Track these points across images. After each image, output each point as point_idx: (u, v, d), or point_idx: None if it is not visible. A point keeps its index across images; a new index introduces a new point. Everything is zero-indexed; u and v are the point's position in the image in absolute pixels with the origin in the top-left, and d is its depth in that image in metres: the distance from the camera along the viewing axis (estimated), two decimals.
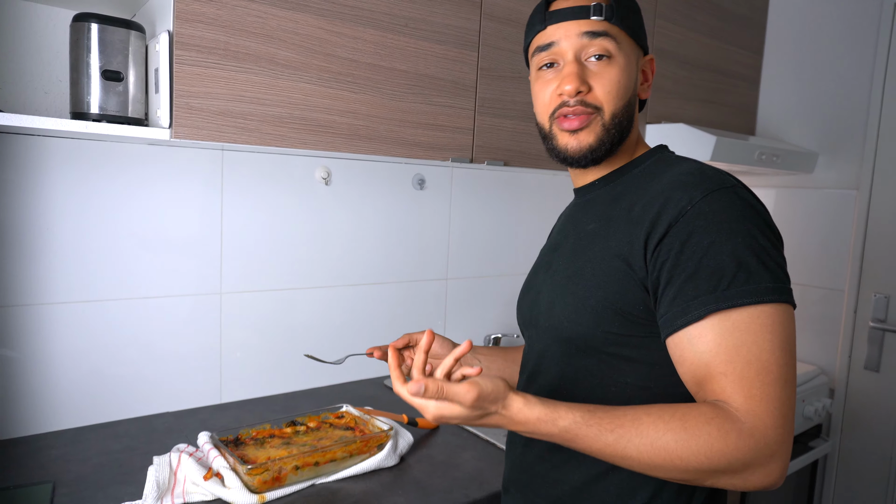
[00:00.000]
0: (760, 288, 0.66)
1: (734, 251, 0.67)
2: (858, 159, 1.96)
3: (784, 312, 0.67)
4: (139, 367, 1.34)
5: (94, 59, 1.01)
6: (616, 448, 0.66)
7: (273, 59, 1.10)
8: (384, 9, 1.22)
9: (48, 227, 1.21)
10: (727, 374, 0.66)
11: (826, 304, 2.04)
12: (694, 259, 0.68)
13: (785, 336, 0.67)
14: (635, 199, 0.78)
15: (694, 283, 0.68)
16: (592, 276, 0.78)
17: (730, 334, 0.66)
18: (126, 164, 1.28)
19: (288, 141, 1.13)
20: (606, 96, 0.80)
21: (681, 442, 0.64)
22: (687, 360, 0.69)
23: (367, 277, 1.66)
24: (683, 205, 0.70)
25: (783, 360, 0.66)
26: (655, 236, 0.71)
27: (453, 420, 0.67)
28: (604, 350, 0.78)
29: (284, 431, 1.19)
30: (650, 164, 0.84)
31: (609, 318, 0.76)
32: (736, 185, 0.73)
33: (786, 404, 0.65)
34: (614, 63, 0.80)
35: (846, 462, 2.01)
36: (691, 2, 1.86)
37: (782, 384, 0.65)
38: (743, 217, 0.69)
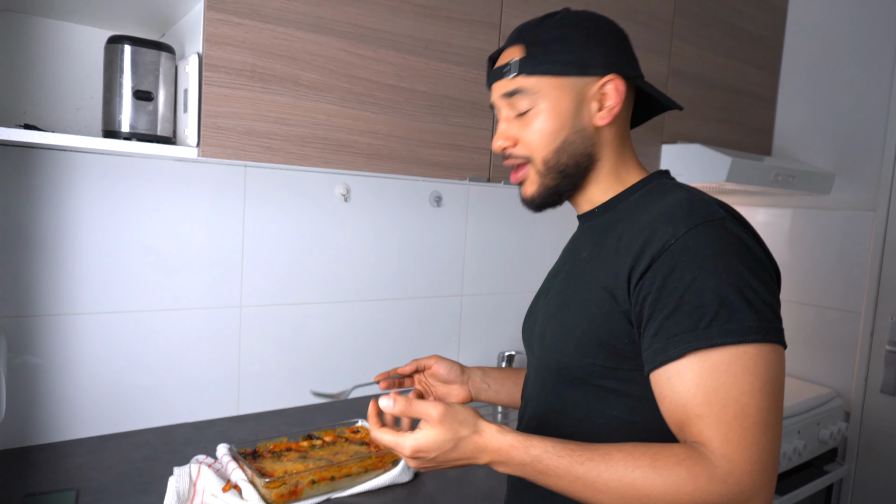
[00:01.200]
0: (743, 327, 0.64)
1: (716, 288, 0.65)
2: (875, 181, 1.96)
3: (770, 353, 0.64)
4: (160, 377, 1.37)
5: (126, 79, 1.04)
6: (585, 481, 0.64)
7: (297, 81, 1.13)
8: (405, 31, 1.25)
9: (76, 240, 1.24)
10: (703, 416, 0.63)
11: (842, 326, 2.02)
12: (675, 295, 0.66)
13: (768, 378, 0.64)
14: (625, 229, 0.76)
15: (675, 320, 0.66)
16: (579, 306, 0.78)
17: (708, 375, 0.64)
18: (152, 179, 1.32)
19: (310, 160, 1.16)
20: (530, 146, 0.81)
21: (648, 480, 0.62)
22: (666, 399, 0.67)
23: (384, 293, 1.68)
24: (667, 238, 0.69)
25: (764, 403, 0.63)
26: (639, 269, 0.70)
27: (430, 452, 0.66)
28: (590, 382, 0.77)
29: (301, 445, 1.21)
30: (645, 191, 0.82)
31: (594, 350, 0.75)
32: (724, 217, 0.70)
33: (765, 450, 0.62)
34: (535, 112, 0.80)
35: (862, 487, 1.98)
36: (707, 22, 1.88)
37: (762, 429, 0.62)
38: (728, 252, 0.67)
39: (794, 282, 2.14)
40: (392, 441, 0.68)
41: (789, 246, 2.17)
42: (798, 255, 2.14)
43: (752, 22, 2.04)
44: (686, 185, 0.79)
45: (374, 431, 0.71)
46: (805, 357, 2.12)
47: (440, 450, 0.67)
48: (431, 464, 0.69)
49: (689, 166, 1.73)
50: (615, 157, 0.83)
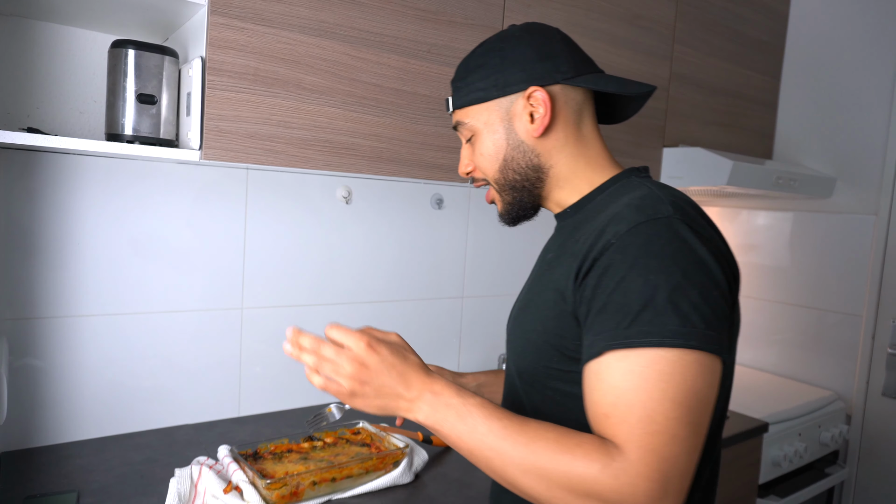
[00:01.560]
0: (664, 330, 0.61)
1: (643, 288, 0.63)
2: (877, 185, 1.96)
3: (692, 361, 0.61)
4: (161, 379, 1.37)
5: (129, 83, 1.05)
6: (496, 437, 0.65)
7: (300, 84, 1.13)
8: (408, 35, 1.25)
9: (78, 242, 1.25)
10: (609, 416, 0.63)
11: (843, 329, 2.02)
12: (606, 293, 0.66)
13: (685, 388, 0.61)
14: (585, 231, 0.76)
15: (602, 318, 0.66)
16: (536, 309, 0.79)
17: (622, 376, 0.62)
18: (155, 181, 1.33)
19: (313, 163, 1.16)
20: (481, 169, 0.86)
21: (550, 452, 0.62)
22: (585, 396, 0.67)
23: (385, 295, 1.69)
24: (609, 238, 0.68)
25: (674, 413, 0.60)
26: (584, 270, 0.70)
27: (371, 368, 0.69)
28: (548, 386, 0.77)
29: (302, 446, 1.21)
30: (612, 190, 0.81)
31: (549, 353, 0.75)
32: (671, 216, 0.68)
33: (668, 461, 0.59)
34: (475, 140, 0.85)
35: (863, 489, 1.98)
36: (709, 27, 1.88)
37: (667, 438, 0.60)
38: (664, 252, 0.65)
39: (796, 285, 2.15)
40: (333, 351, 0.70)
41: (790, 249, 2.17)
42: (799, 259, 2.14)
43: (754, 27, 2.04)
44: (650, 183, 0.78)
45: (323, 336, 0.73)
46: (806, 360, 2.12)
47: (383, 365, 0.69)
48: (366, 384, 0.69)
49: (690, 169, 1.74)
50: (571, 161, 0.83)
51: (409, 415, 0.70)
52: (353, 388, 0.69)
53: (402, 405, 0.70)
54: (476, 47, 0.86)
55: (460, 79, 0.85)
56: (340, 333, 0.72)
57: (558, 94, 0.81)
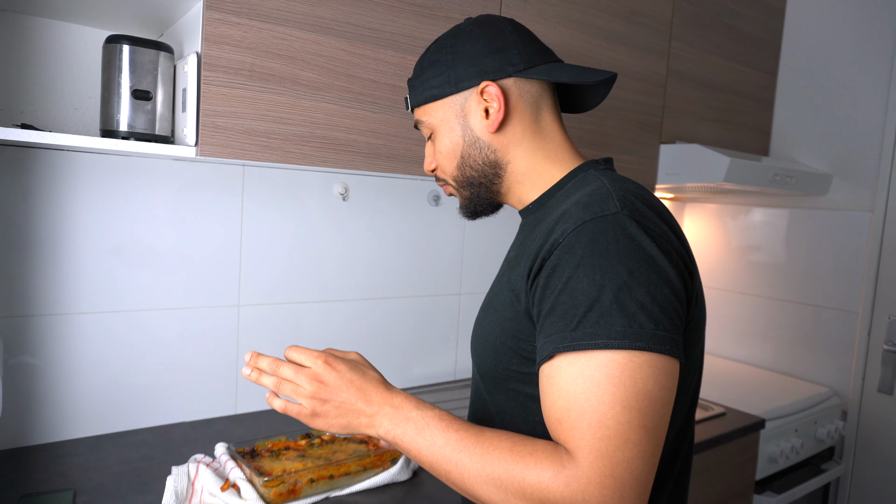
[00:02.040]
0: (610, 332, 0.60)
1: (588, 288, 0.62)
2: (873, 182, 1.96)
3: (643, 363, 0.59)
4: (157, 377, 1.36)
5: (124, 79, 1.04)
6: (454, 449, 0.65)
7: (296, 80, 1.13)
8: (405, 31, 1.25)
9: (73, 239, 1.24)
10: (562, 422, 0.61)
11: (839, 325, 2.03)
12: (553, 294, 0.65)
13: (635, 391, 0.59)
14: (542, 228, 0.74)
15: (551, 320, 0.64)
16: (495, 310, 0.78)
17: (573, 380, 0.61)
18: (150, 178, 1.32)
19: (310, 159, 1.16)
20: (441, 167, 0.86)
21: (503, 462, 0.62)
22: (541, 399, 0.66)
23: (383, 292, 1.68)
24: (557, 237, 0.67)
25: (625, 417, 0.58)
26: (535, 269, 0.69)
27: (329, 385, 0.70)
28: (509, 387, 0.76)
29: (299, 444, 1.21)
30: (570, 186, 0.79)
31: (507, 355, 0.74)
32: (618, 213, 0.65)
33: (621, 465, 0.58)
34: (434, 137, 0.85)
35: (859, 485, 1.99)
36: (706, 23, 1.88)
37: (619, 443, 0.58)
38: (610, 251, 0.63)
39: (792, 282, 2.15)
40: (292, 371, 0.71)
41: (786, 246, 2.17)
42: (796, 256, 2.14)
43: (751, 23, 2.04)
44: (605, 176, 0.75)
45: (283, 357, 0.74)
46: (802, 356, 2.13)
47: (342, 381, 0.70)
48: (326, 402, 0.70)
49: (687, 166, 1.74)
50: (530, 155, 0.81)
51: (371, 430, 0.70)
52: (314, 407, 0.70)
53: (363, 421, 0.70)
54: (431, 44, 0.84)
55: (416, 77, 0.84)
56: (299, 353, 0.72)
57: (511, 88, 0.79)
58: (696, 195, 2.29)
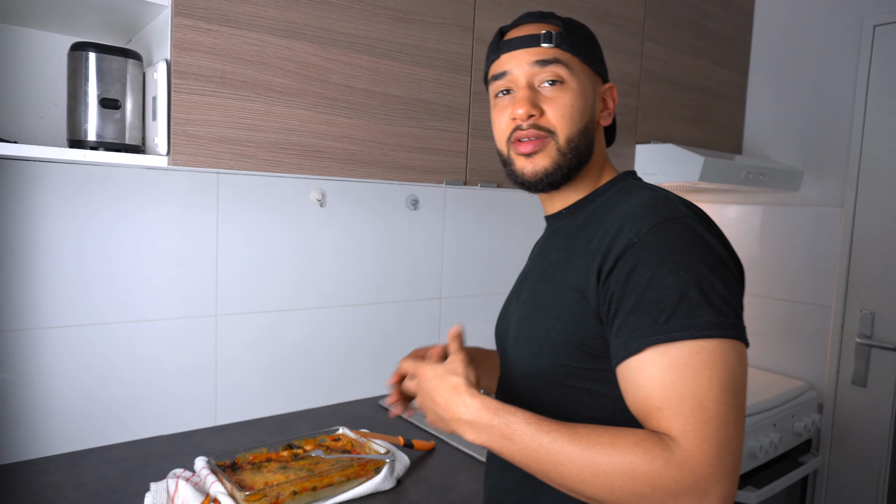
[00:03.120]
0: (701, 322, 0.65)
1: (675, 284, 0.66)
2: (842, 177, 2.00)
3: (729, 349, 0.65)
4: (134, 390, 1.33)
5: (91, 87, 1.02)
6: (549, 451, 0.66)
7: (269, 87, 1.11)
8: (379, 35, 1.24)
9: (42, 252, 1.21)
10: (662, 409, 0.64)
11: (813, 319, 2.07)
12: (637, 291, 0.68)
13: (728, 374, 0.64)
14: (595, 231, 0.78)
15: (636, 316, 0.68)
16: (552, 308, 0.79)
17: (667, 369, 0.65)
18: (122, 188, 1.29)
19: (285, 167, 1.14)
20: (560, 120, 0.80)
21: (607, 457, 0.63)
22: (629, 393, 0.69)
23: (362, 297, 1.67)
24: (631, 237, 0.71)
25: (723, 398, 0.63)
26: (606, 268, 0.72)
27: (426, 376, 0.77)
28: (565, 384, 0.78)
29: (281, 455, 1.19)
30: (612, 193, 0.84)
31: (568, 351, 0.77)
32: (686, 215, 0.72)
33: (723, 444, 0.62)
34: (567, 88, 0.80)
35: (836, 477, 2.03)
36: (677, 23, 1.90)
37: (720, 423, 0.63)
38: (688, 249, 0.69)
39: (766, 277, 2.19)
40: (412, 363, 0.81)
41: (760, 242, 2.21)
42: (769, 251, 2.18)
43: (721, 23, 2.07)
44: (651, 185, 0.82)
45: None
46: (778, 351, 2.16)
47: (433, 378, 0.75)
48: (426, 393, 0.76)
49: (662, 166, 1.75)
50: (601, 158, 0.88)
51: (462, 436, 0.73)
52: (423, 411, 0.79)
53: (451, 427, 0.74)
54: (574, 20, 0.86)
55: (574, 31, 0.83)
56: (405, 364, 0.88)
57: None
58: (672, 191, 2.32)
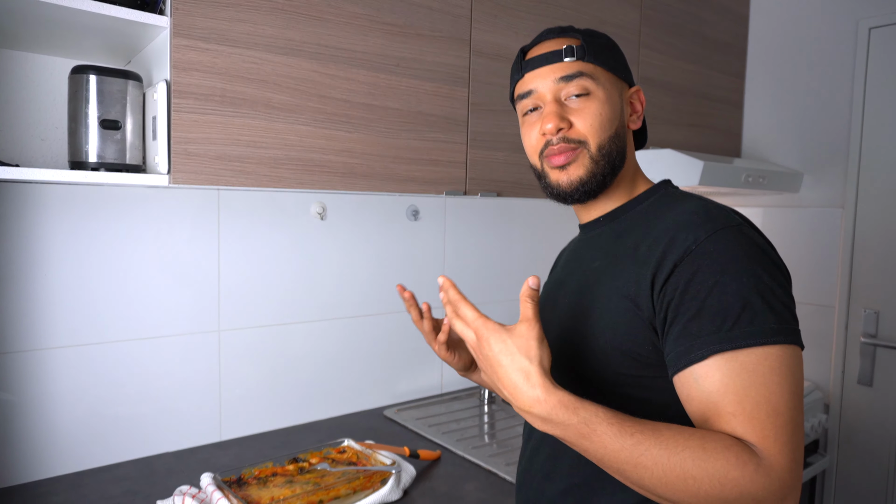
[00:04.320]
0: (766, 329, 0.65)
1: (739, 291, 0.67)
2: (842, 178, 2.01)
3: (792, 354, 0.66)
4: (138, 407, 1.34)
5: (92, 109, 1.03)
6: (632, 453, 0.62)
7: (268, 104, 1.12)
8: (376, 50, 1.25)
9: (44, 273, 1.22)
10: (736, 414, 0.64)
11: (817, 320, 2.07)
12: (698, 298, 0.68)
13: (793, 379, 0.65)
14: (640, 238, 0.78)
15: (698, 323, 0.67)
16: (600, 316, 0.78)
17: (737, 375, 0.65)
18: (123, 207, 1.30)
19: (285, 182, 1.15)
20: (589, 129, 0.81)
21: (698, 460, 0.61)
22: (694, 398, 0.68)
23: (364, 309, 1.67)
24: (689, 244, 0.71)
25: (792, 403, 0.65)
26: (661, 276, 0.71)
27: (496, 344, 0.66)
28: (614, 392, 0.77)
29: (287, 469, 1.19)
30: (654, 200, 0.84)
31: (618, 358, 0.75)
32: (741, 223, 0.73)
33: (797, 448, 0.64)
34: (594, 98, 0.81)
35: (844, 476, 2.02)
36: (673, 30, 1.91)
37: (793, 428, 0.64)
38: (748, 256, 0.69)
39: None
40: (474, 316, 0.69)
41: None
42: None
43: (716, 29, 2.08)
44: (695, 194, 0.81)
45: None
46: None
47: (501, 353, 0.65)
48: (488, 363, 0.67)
49: (661, 171, 1.76)
50: (633, 163, 0.88)
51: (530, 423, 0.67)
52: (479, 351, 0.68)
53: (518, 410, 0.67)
54: (592, 30, 0.87)
55: (595, 41, 0.83)
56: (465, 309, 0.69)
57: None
58: None
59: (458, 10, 1.37)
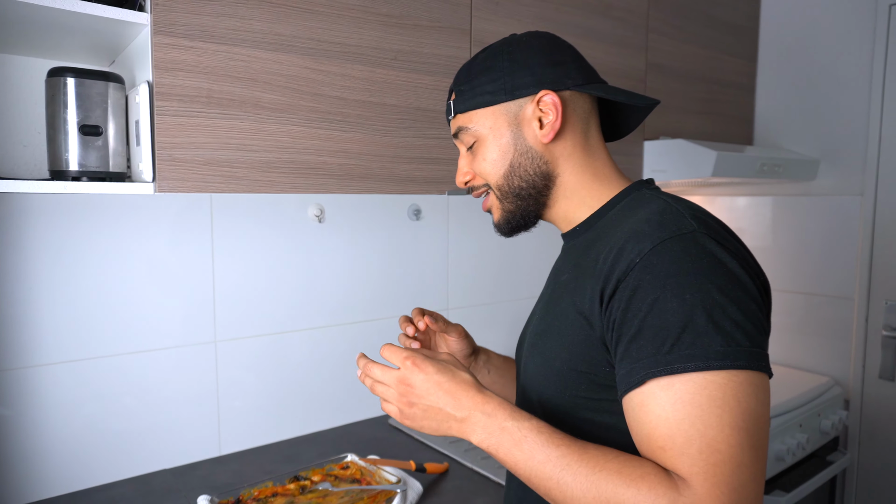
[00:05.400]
0: (708, 352, 0.58)
1: (680, 308, 0.60)
2: (861, 164, 1.93)
3: (743, 382, 0.58)
4: (134, 424, 1.29)
5: (70, 114, 0.96)
6: (556, 465, 0.61)
7: (258, 104, 1.05)
8: (371, 43, 1.18)
9: (33, 287, 1.16)
10: (666, 449, 0.59)
11: (835, 312, 1.99)
12: (638, 317, 0.62)
13: (740, 411, 0.57)
14: (601, 249, 0.71)
15: (638, 344, 0.62)
16: (558, 334, 0.74)
17: (671, 405, 0.59)
18: (110, 216, 1.24)
19: (278, 186, 1.09)
20: (485, 175, 0.81)
21: (610, 485, 0.59)
22: (633, 429, 0.63)
23: (367, 314, 1.61)
24: (632, 257, 0.64)
25: (735, 439, 0.57)
26: (608, 291, 0.66)
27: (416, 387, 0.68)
28: (573, 415, 0.72)
29: (288, 488, 1.14)
30: (624, 205, 0.77)
31: (575, 380, 0.71)
32: (695, 231, 0.64)
33: (738, 491, 0.56)
34: (479, 145, 0.80)
35: (866, 474, 1.96)
36: (682, 13, 1.83)
37: (734, 467, 0.56)
38: (695, 269, 0.61)
39: (783, 270, 2.11)
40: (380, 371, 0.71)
41: (774, 234, 2.13)
42: (785, 243, 2.11)
43: (727, 10, 2.00)
44: (664, 195, 0.74)
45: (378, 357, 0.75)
46: (800, 346, 2.09)
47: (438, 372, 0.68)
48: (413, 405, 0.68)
49: (673, 162, 1.69)
50: (579, 171, 0.80)
51: (463, 436, 0.68)
52: (402, 408, 0.69)
53: (454, 426, 0.68)
54: (478, 53, 0.83)
55: (463, 82, 0.81)
56: (390, 353, 0.71)
57: (567, 101, 0.78)
58: (681, 188, 2.25)
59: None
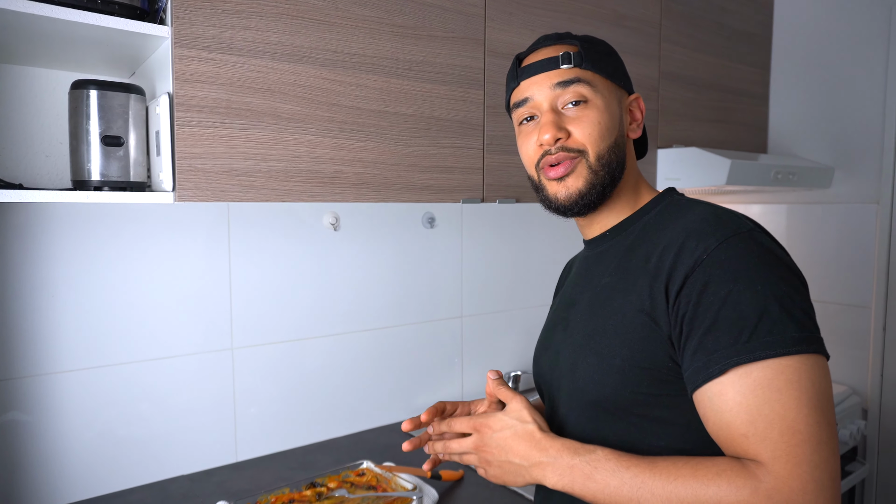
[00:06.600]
0: (785, 338, 0.61)
1: (754, 300, 0.63)
2: (877, 172, 1.91)
3: (814, 365, 0.62)
4: (151, 430, 1.30)
5: (93, 125, 0.98)
6: (631, 487, 0.64)
7: (276, 114, 1.07)
8: (387, 54, 1.19)
9: (52, 295, 1.18)
10: (748, 435, 0.61)
11: (852, 320, 1.97)
12: (712, 310, 0.64)
13: (815, 392, 0.61)
14: (650, 250, 0.74)
15: (714, 336, 0.64)
16: (615, 333, 0.74)
17: (751, 392, 0.61)
18: (130, 224, 1.26)
19: (295, 195, 1.10)
20: (588, 138, 0.78)
21: (689, 489, 0.62)
22: (710, 419, 0.65)
23: (382, 321, 1.62)
24: (699, 254, 0.67)
25: (813, 418, 0.60)
26: (674, 288, 0.68)
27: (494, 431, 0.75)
28: (633, 412, 0.73)
29: (304, 495, 1.14)
30: (660, 209, 0.81)
31: (636, 377, 0.72)
32: (753, 229, 0.69)
33: (819, 468, 0.59)
34: (591, 106, 0.78)
35: (885, 485, 1.93)
36: (695, 22, 1.83)
37: (814, 445, 0.59)
38: (762, 263, 0.66)
39: None
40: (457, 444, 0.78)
41: (789, 242, 2.12)
42: (800, 251, 2.09)
43: (739, 19, 2.00)
44: (703, 201, 0.78)
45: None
46: None
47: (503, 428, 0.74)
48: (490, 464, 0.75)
49: (687, 170, 1.68)
50: (635, 173, 0.85)
51: (542, 482, 0.72)
52: (485, 468, 0.77)
53: (529, 475, 0.73)
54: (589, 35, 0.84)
55: (592, 47, 0.80)
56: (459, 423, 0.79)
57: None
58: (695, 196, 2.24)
59: (472, 9, 1.31)
